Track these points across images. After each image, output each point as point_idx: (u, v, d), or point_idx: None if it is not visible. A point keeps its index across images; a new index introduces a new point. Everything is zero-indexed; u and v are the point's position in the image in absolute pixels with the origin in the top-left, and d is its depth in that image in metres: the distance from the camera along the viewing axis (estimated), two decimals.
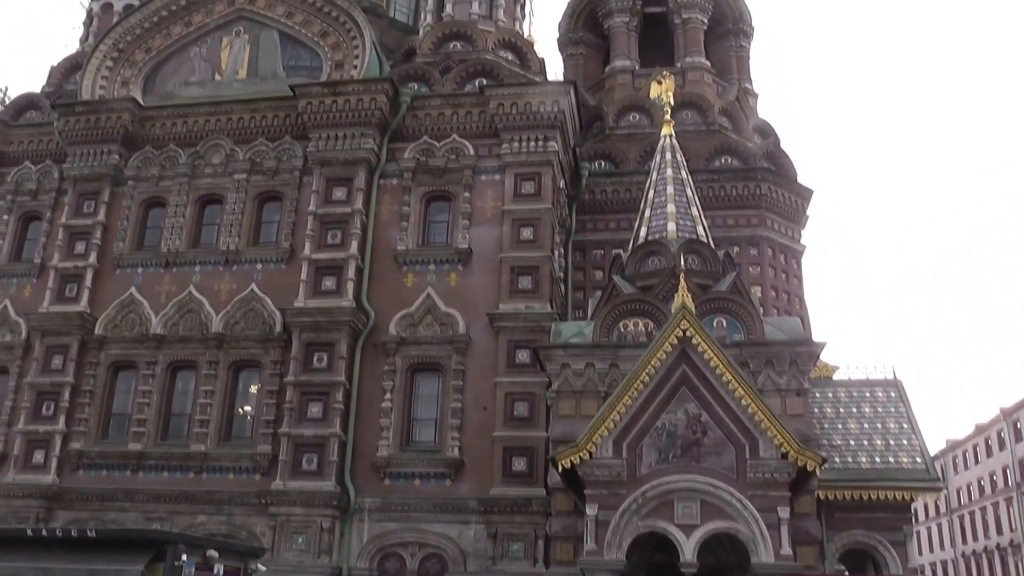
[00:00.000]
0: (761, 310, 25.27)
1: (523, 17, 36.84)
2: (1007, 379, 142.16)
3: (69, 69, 36.51)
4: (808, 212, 34.48)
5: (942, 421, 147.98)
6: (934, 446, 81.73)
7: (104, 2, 38.71)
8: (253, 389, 28.45)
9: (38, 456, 28.49)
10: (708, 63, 37.98)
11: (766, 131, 36.94)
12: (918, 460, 24.36)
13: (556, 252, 29.38)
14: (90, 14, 39.07)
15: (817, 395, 26.02)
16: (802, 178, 34.76)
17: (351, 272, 28.11)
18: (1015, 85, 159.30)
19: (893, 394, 26.69)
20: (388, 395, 27.01)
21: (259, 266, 29.59)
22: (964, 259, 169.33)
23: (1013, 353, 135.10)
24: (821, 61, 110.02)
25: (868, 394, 26.77)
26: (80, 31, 39.10)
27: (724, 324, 23.68)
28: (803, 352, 23.37)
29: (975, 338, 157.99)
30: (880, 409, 26.21)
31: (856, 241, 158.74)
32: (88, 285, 30.24)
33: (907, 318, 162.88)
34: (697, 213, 27.32)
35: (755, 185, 33.05)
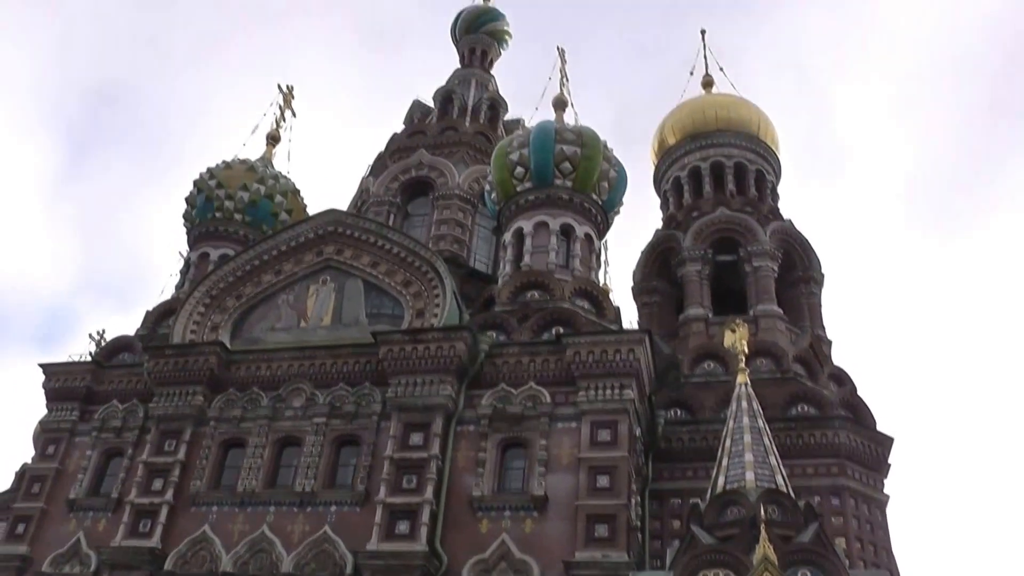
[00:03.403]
0: (847, 562, 24.43)
1: (598, 266, 37.92)
2: None
3: (163, 314, 38.24)
4: (890, 460, 33.83)
5: None
6: None
7: (201, 251, 41.11)
8: None
9: None
10: (780, 311, 38.50)
11: (842, 378, 36.87)
12: None
13: (633, 500, 28.97)
14: (188, 262, 41.43)
15: None
16: (882, 426, 34.34)
17: (425, 516, 27.94)
18: None
19: None
20: None
21: (333, 508, 29.53)
22: None
23: None
24: (896, 306, 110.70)
25: None
26: (177, 278, 41.38)
27: None
28: None
29: None
30: None
31: (944, 487, 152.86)
32: (162, 521, 30.35)
33: (1007, 567, 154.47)
34: (775, 462, 27.01)
35: (833, 434, 32.65)
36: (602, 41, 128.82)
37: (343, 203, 46.52)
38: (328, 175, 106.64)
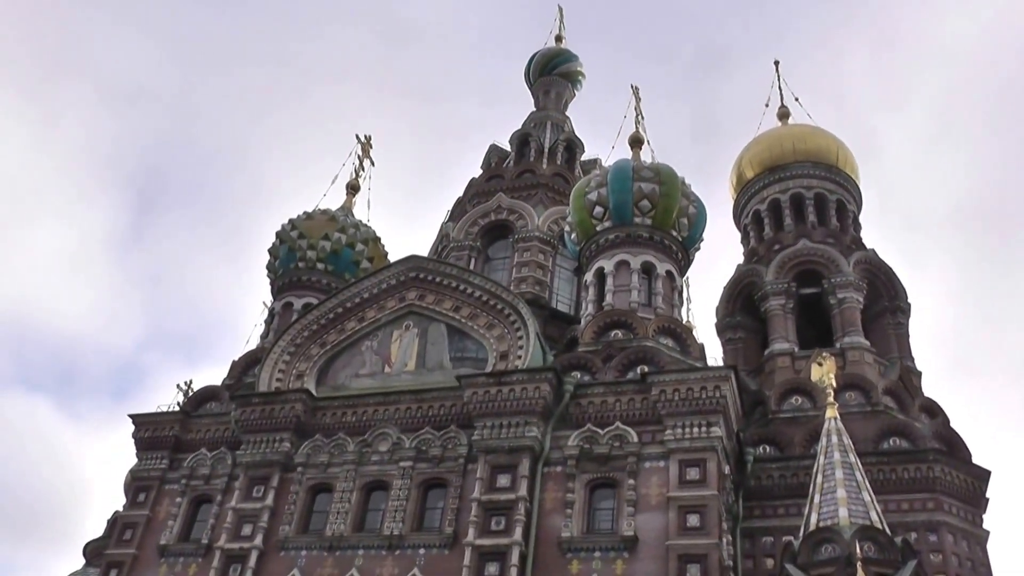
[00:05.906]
0: None
1: (681, 303, 37.58)
2: None
3: (248, 363, 38.78)
4: (988, 495, 32.82)
5: None
6: None
7: (285, 301, 41.75)
8: None
9: None
10: (867, 342, 37.79)
11: (933, 410, 35.97)
12: None
13: (724, 539, 28.44)
14: (272, 312, 42.09)
15: None
16: (978, 458, 33.34)
17: (514, 558, 27.77)
18: None
19: None
20: None
21: (422, 551, 29.53)
22: None
23: None
24: (988, 333, 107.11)
25: None
26: (261, 328, 42.03)
27: None
28: None
29: None
30: None
31: None
32: (252, 566, 30.69)
33: None
34: (869, 498, 26.45)
35: (927, 467, 31.79)
36: (674, 76, 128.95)
37: (423, 249, 47.06)
38: (408, 222, 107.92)
